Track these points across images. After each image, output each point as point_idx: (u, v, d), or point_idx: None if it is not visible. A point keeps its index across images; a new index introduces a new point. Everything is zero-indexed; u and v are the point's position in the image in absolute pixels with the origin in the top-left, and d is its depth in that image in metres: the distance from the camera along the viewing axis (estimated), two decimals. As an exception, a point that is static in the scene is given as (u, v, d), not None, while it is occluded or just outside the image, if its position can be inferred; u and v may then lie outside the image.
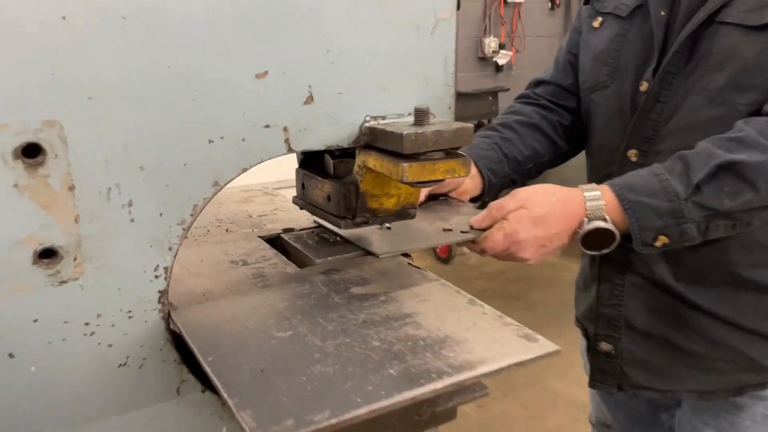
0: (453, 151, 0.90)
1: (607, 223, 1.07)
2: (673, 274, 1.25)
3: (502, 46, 5.52)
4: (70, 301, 0.79)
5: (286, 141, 0.88)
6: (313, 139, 0.90)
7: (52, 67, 0.71)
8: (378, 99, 0.93)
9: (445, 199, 1.35)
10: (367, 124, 0.92)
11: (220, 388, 0.69)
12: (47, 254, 0.76)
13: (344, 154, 1.03)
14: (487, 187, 1.41)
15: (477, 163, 1.36)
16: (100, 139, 0.76)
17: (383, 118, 0.94)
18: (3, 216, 0.72)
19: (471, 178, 1.38)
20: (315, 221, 1.24)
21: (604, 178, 1.13)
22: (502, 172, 1.42)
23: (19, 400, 0.79)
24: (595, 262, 1.37)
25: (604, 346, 1.34)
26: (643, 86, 1.22)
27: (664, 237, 1.06)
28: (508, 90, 5.38)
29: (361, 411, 0.64)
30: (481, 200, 1.42)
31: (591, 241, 1.09)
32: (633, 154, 1.24)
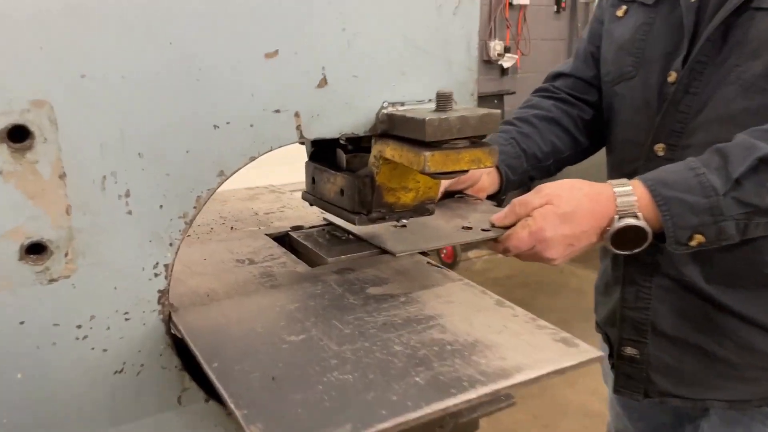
0: (478, 139, 0.83)
1: (639, 221, 1.01)
2: (703, 276, 1.18)
3: (507, 49, 5.49)
4: (60, 302, 0.73)
5: (297, 128, 0.81)
6: (326, 127, 0.83)
7: (41, 41, 0.65)
8: (396, 84, 0.86)
9: (461, 197, 1.29)
10: (385, 111, 0.86)
11: (227, 399, 0.62)
12: (35, 249, 0.70)
13: (358, 148, 0.96)
14: (505, 184, 1.35)
15: None
16: (94, 122, 0.69)
17: (402, 105, 0.87)
18: (-15, 206, 0.66)
19: (488, 175, 1.34)
20: (325, 219, 1.17)
21: (628, 176, 1.07)
22: (521, 169, 1.37)
23: (4, 410, 0.74)
24: (618, 264, 1.31)
25: (629, 350, 1.29)
26: (672, 77, 1.17)
27: (700, 236, 1.00)
28: (513, 93, 5.36)
29: (387, 425, 0.57)
30: (498, 198, 1.37)
31: (621, 240, 1.03)
32: (660, 148, 1.19)
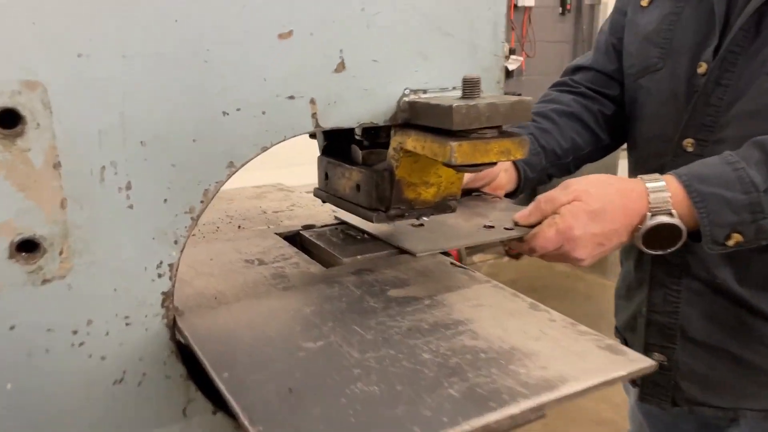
0: (506, 129, 0.77)
1: (673, 218, 0.95)
2: (737, 278, 1.12)
3: (512, 51, 5.43)
4: (54, 304, 0.67)
5: (313, 116, 0.75)
6: (343, 115, 0.77)
7: (33, 16, 0.59)
8: (418, 69, 0.80)
9: (478, 195, 1.23)
10: (407, 99, 0.79)
11: (239, 413, 0.55)
12: (27, 246, 0.64)
13: (374, 144, 0.90)
14: (523, 182, 1.29)
15: None
16: (92, 106, 0.63)
17: (424, 92, 0.81)
18: (-29, 199, 0.60)
19: (505, 172, 1.28)
20: (337, 218, 1.11)
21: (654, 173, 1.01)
22: (539, 166, 1.31)
23: (-8, 424, 0.67)
24: (643, 266, 1.25)
25: (657, 356, 1.22)
26: (702, 68, 1.11)
27: (739, 235, 0.93)
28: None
29: (421, 444, 0.50)
30: (516, 197, 1.31)
31: (653, 239, 0.97)
32: (689, 143, 1.13)
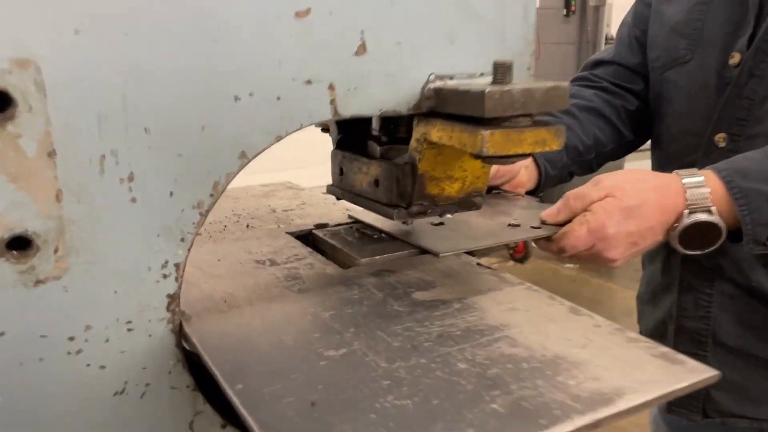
0: (539, 118, 0.71)
1: (713, 216, 0.89)
2: (774, 282, 1.06)
3: (516, 53, 5.39)
4: (49, 308, 0.61)
5: (332, 102, 0.69)
6: (364, 101, 0.71)
7: (26, -15, 0.53)
8: (444, 53, 0.74)
9: (498, 192, 1.17)
10: (432, 85, 0.73)
11: (255, 429, 0.49)
12: (18, 244, 0.58)
13: (393, 140, 0.84)
14: (543, 180, 1.24)
15: None
16: (90, 89, 0.57)
17: (450, 78, 0.75)
18: (-44, 190, 0.54)
19: (526, 169, 1.23)
20: (351, 216, 1.05)
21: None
22: (561, 163, 1.25)
23: (-20, 440, 0.62)
24: (671, 269, 1.19)
25: None
26: (734, 58, 1.06)
27: None
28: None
29: (467, 467, 0.44)
30: (536, 195, 1.25)
31: (690, 238, 0.91)
32: (721, 138, 1.07)
